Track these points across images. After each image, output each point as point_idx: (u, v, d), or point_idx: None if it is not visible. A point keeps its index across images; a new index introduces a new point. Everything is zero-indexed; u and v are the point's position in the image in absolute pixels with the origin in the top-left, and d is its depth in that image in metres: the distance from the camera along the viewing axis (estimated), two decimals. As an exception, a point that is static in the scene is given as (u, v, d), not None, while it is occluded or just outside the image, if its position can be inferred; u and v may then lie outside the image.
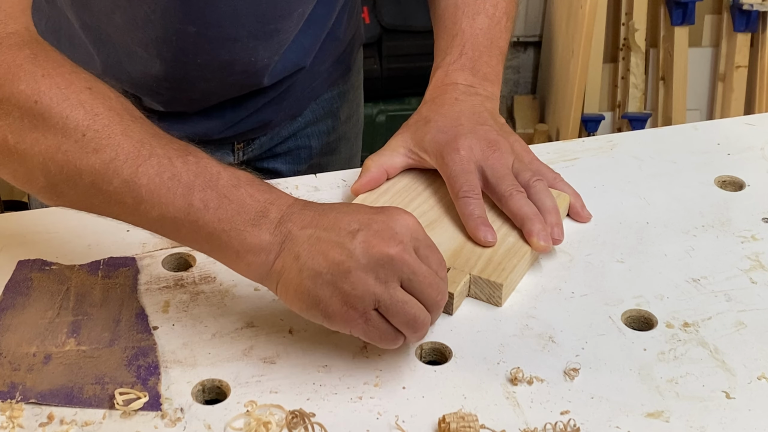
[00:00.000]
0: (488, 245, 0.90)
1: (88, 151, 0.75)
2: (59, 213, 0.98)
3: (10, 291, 0.86)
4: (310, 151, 1.27)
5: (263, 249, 0.75)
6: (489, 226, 0.91)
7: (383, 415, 0.75)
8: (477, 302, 0.87)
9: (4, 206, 2.42)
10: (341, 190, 1.03)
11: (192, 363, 0.79)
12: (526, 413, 0.75)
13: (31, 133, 0.75)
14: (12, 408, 0.74)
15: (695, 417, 0.75)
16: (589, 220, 0.98)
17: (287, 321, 0.84)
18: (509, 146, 0.97)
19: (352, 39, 1.26)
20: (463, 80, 1.02)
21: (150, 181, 0.74)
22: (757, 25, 2.73)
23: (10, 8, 0.80)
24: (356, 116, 1.34)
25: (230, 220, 0.75)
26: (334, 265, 0.73)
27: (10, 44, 0.78)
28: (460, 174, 0.94)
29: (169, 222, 0.76)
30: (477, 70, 1.03)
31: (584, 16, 2.58)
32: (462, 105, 1.00)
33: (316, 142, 1.27)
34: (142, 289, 0.87)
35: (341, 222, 0.75)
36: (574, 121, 2.70)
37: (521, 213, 0.91)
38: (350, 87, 1.29)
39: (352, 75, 1.30)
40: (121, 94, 0.80)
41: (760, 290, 0.89)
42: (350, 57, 1.27)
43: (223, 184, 0.76)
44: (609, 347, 0.82)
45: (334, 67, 1.24)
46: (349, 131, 1.32)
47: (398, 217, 0.76)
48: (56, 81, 0.76)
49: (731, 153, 1.11)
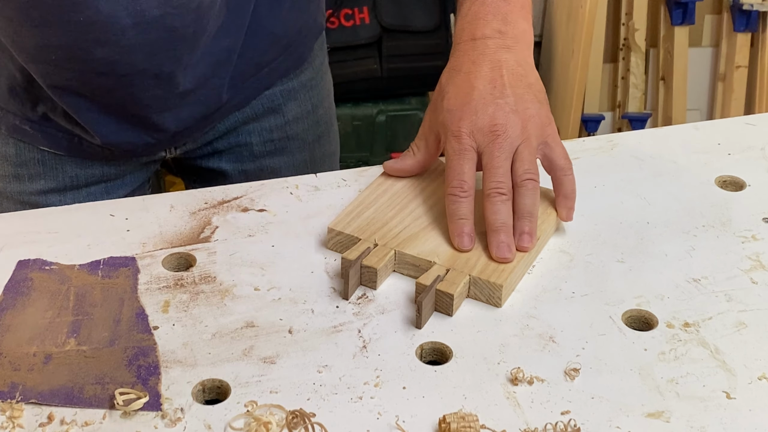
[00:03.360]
0: (463, 251, 0.89)
1: None
2: (59, 213, 0.98)
3: (10, 291, 0.86)
4: (252, 149, 1.23)
5: None
6: (467, 232, 0.90)
7: (383, 415, 0.75)
8: (477, 302, 0.87)
9: (4, 206, 2.42)
10: (342, 190, 1.03)
11: (192, 363, 0.79)
12: (527, 413, 0.75)
13: None
14: (12, 408, 0.74)
15: (696, 417, 0.75)
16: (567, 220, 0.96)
17: (287, 321, 0.84)
18: (518, 127, 0.92)
19: (299, 32, 1.20)
20: (481, 32, 0.96)
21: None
22: (757, 25, 2.73)
23: None
24: (313, 117, 1.27)
25: None
26: None
27: None
28: (453, 166, 0.92)
29: None
30: (496, 12, 0.96)
31: (584, 16, 2.58)
32: (480, 70, 0.94)
33: (257, 139, 1.22)
34: (142, 289, 0.87)
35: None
36: (574, 121, 2.70)
37: (490, 220, 0.90)
38: (301, 85, 1.23)
39: (305, 72, 1.24)
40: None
41: (761, 290, 0.89)
42: (298, 50, 1.21)
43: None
44: (609, 347, 0.82)
45: (278, 62, 1.18)
46: (303, 133, 1.26)
47: None
48: None
49: (731, 153, 1.11)
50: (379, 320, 0.84)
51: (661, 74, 2.81)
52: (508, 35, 0.95)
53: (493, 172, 0.91)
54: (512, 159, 0.92)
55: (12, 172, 1.15)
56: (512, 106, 0.92)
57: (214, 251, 0.92)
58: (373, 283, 0.88)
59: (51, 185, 1.16)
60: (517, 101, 0.93)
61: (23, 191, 1.16)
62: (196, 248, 0.93)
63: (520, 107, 0.93)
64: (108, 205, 0.99)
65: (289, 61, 1.20)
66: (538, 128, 0.93)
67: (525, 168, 0.91)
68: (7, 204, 1.17)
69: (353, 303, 0.86)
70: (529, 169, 0.92)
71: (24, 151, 1.14)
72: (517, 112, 0.92)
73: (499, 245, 0.88)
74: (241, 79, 1.15)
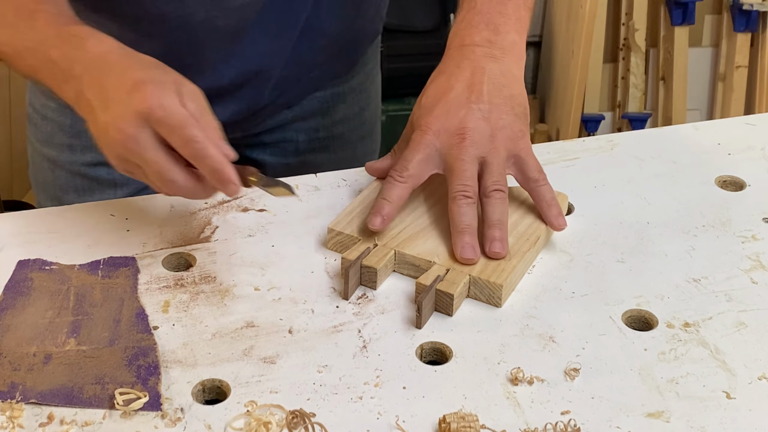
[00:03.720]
0: (374, 230, 0.89)
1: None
2: (59, 213, 0.98)
3: (10, 291, 0.86)
4: (297, 145, 1.25)
5: (72, 101, 0.87)
6: (382, 219, 0.89)
7: (383, 415, 0.75)
8: (477, 302, 0.87)
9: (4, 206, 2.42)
10: (342, 190, 1.03)
11: (192, 363, 0.79)
12: (527, 413, 0.75)
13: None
14: (12, 408, 0.74)
15: (696, 417, 0.75)
16: (561, 229, 0.93)
17: (287, 321, 0.84)
18: (487, 135, 0.91)
19: (355, 37, 1.22)
20: (471, 39, 0.96)
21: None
22: (757, 25, 2.73)
23: None
24: (359, 119, 1.31)
25: (52, 79, 0.88)
26: None
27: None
28: (405, 155, 0.91)
29: None
30: (489, 22, 0.96)
31: (584, 16, 2.58)
32: (462, 73, 0.94)
33: (303, 137, 1.25)
34: (142, 289, 0.87)
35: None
36: (574, 121, 2.70)
37: (455, 221, 0.89)
38: (350, 89, 1.27)
39: (357, 76, 1.27)
40: None
41: (761, 290, 0.89)
42: (351, 55, 1.24)
43: None
44: (609, 347, 0.82)
45: (330, 64, 1.21)
46: (349, 133, 1.30)
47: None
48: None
49: (731, 153, 1.11)
50: (379, 320, 0.84)
51: (661, 74, 2.82)
52: (497, 45, 0.96)
53: (459, 175, 0.90)
54: (480, 169, 0.91)
55: (66, 141, 1.19)
56: (485, 114, 0.92)
57: (214, 251, 0.92)
58: (373, 283, 0.88)
59: (101, 158, 1.18)
60: (492, 109, 0.92)
61: (75, 161, 1.19)
62: (196, 248, 0.93)
63: (494, 116, 0.92)
64: (108, 205, 0.99)
65: (339, 65, 1.22)
66: (509, 140, 0.92)
67: (494, 179, 0.91)
68: (58, 172, 1.21)
69: (353, 303, 0.86)
70: (497, 180, 0.91)
71: (78, 123, 1.15)
72: (489, 120, 0.92)
73: (464, 246, 0.88)
74: (289, 79, 1.17)
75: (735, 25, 2.73)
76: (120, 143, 0.82)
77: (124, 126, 0.81)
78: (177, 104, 0.81)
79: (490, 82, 0.94)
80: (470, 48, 0.96)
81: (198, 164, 0.82)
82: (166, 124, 0.81)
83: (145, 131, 0.81)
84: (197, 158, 0.81)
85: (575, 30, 2.65)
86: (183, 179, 0.83)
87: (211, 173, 0.82)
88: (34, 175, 1.26)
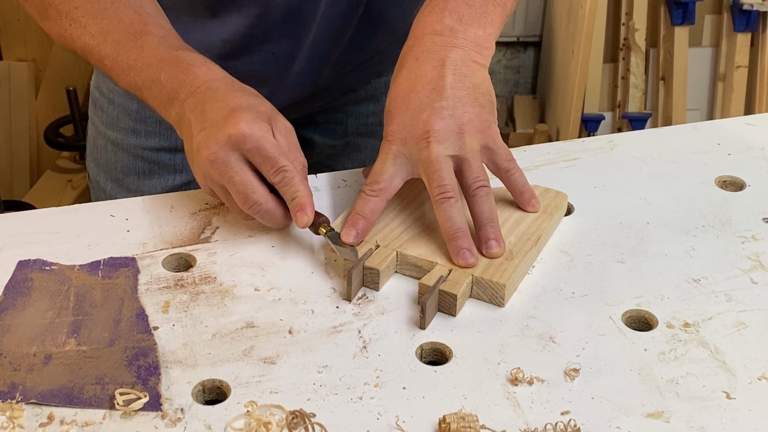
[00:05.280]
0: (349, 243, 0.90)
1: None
2: (59, 213, 0.98)
3: (10, 291, 0.86)
4: (346, 128, 1.28)
5: (174, 122, 0.94)
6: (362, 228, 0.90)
7: (383, 415, 0.75)
8: (477, 302, 0.87)
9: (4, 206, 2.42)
10: (342, 191, 1.03)
11: (192, 363, 0.79)
12: (527, 413, 0.75)
13: None
14: (12, 408, 0.74)
15: (696, 417, 0.75)
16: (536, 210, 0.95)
17: (287, 321, 0.84)
18: (454, 132, 0.90)
19: None
20: (432, 27, 0.94)
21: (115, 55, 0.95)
22: (757, 25, 2.73)
23: None
24: None
25: (156, 99, 0.94)
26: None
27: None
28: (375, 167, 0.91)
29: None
30: (453, 11, 0.94)
31: (584, 16, 2.58)
32: (422, 69, 0.92)
33: (353, 120, 1.28)
34: (142, 289, 0.87)
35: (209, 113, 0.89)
36: (574, 121, 2.71)
37: (444, 228, 0.89)
38: None
39: None
40: None
41: (761, 290, 0.89)
42: None
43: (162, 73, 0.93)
44: (609, 347, 0.82)
45: (391, 49, 1.20)
46: None
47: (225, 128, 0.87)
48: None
49: (731, 153, 1.11)
50: (379, 320, 0.84)
51: (661, 74, 2.82)
52: (459, 35, 0.94)
53: (434, 177, 0.89)
54: (457, 167, 0.90)
55: (131, 126, 1.22)
56: (449, 111, 0.90)
57: (214, 251, 0.93)
58: (376, 285, 0.88)
59: (164, 144, 1.23)
60: (456, 105, 0.91)
61: (138, 145, 1.22)
62: (197, 248, 0.93)
63: (458, 111, 0.91)
64: (108, 205, 0.99)
65: (400, 50, 1.22)
66: (477, 132, 0.91)
67: (474, 176, 0.90)
68: (121, 155, 1.24)
69: (353, 303, 0.86)
70: (478, 176, 0.90)
71: (144, 108, 1.20)
72: (454, 117, 0.90)
73: (459, 252, 0.88)
74: (350, 64, 1.19)
75: (735, 25, 2.73)
76: (209, 163, 0.87)
77: (215, 148, 0.87)
78: (269, 133, 0.88)
79: (451, 74, 0.92)
80: (431, 38, 0.94)
81: (284, 191, 0.88)
82: (259, 153, 0.87)
83: (234, 155, 0.87)
84: (284, 185, 0.87)
85: (575, 30, 2.65)
86: (265, 201, 0.88)
87: (292, 201, 0.88)
88: (94, 156, 1.29)
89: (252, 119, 0.87)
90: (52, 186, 2.67)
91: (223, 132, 0.87)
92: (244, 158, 0.88)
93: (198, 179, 0.91)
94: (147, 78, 0.93)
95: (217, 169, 0.87)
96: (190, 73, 0.92)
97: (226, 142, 0.87)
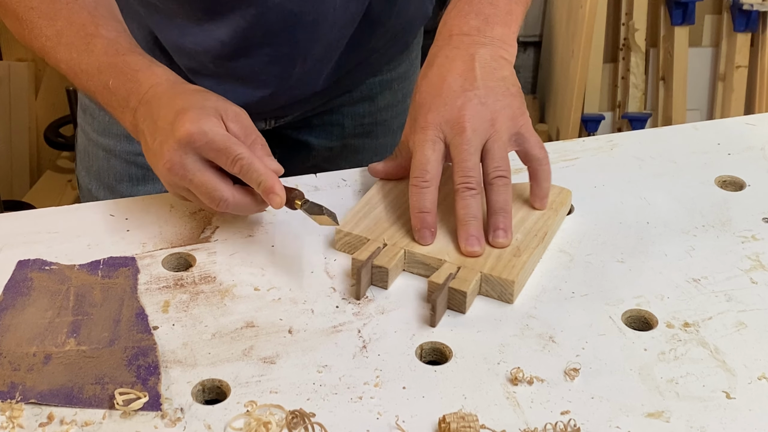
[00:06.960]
0: (423, 245, 0.90)
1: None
2: (59, 213, 0.98)
3: (10, 291, 0.86)
4: (343, 129, 1.28)
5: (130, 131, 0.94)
6: (428, 226, 0.90)
7: (383, 415, 0.75)
8: (477, 302, 0.87)
9: (4, 206, 2.42)
10: (342, 190, 1.03)
11: (192, 363, 0.79)
12: (527, 413, 0.75)
13: None
14: (12, 408, 0.74)
15: (695, 417, 0.75)
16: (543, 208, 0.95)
17: (287, 321, 0.84)
18: (487, 120, 0.91)
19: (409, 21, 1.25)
20: (459, 29, 0.97)
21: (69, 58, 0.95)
22: (757, 25, 2.73)
23: None
24: (402, 107, 1.32)
25: (109, 105, 0.95)
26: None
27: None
28: (417, 157, 0.92)
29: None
30: (479, 12, 0.97)
31: (584, 16, 2.58)
32: (453, 63, 0.94)
33: (349, 121, 1.28)
34: (142, 289, 0.87)
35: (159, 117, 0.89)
36: (574, 121, 2.71)
37: (459, 214, 0.90)
38: (397, 76, 1.29)
39: (402, 64, 1.29)
40: None
41: (761, 290, 0.89)
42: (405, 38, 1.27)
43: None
44: (609, 347, 0.82)
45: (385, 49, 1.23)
46: (391, 120, 1.32)
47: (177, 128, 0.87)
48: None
49: (731, 153, 1.11)
50: (378, 320, 0.84)
51: (661, 74, 2.82)
52: (486, 34, 0.96)
53: (462, 166, 0.90)
54: (482, 154, 0.91)
55: (123, 132, 1.20)
56: (482, 99, 0.92)
57: (214, 251, 0.93)
58: (385, 283, 0.88)
59: None
60: (488, 93, 0.92)
61: (131, 151, 1.22)
62: (196, 248, 0.93)
63: (490, 100, 0.92)
64: (108, 205, 0.99)
65: (394, 48, 1.24)
66: (509, 120, 0.92)
67: (495, 165, 0.91)
68: (114, 161, 1.23)
69: (353, 303, 0.86)
70: (499, 165, 0.91)
71: None
72: (486, 105, 0.92)
73: (468, 238, 0.89)
74: (347, 65, 1.19)
75: (735, 25, 2.73)
76: (167, 171, 0.88)
77: (169, 155, 0.87)
78: (218, 127, 0.87)
79: (481, 67, 0.94)
80: (459, 38, 0.96)
81: (247, 179, 0.87)
82: (210, 148, 0.87)
83: (189, 157, 0.87)
84: (245, 174, 0.87)
85: (575, 30, 2.65)
86: (231, 195, 0.88)
87: (259, 186, 0.87)
88: (86, 164, 1.28)
89: (196, 117, 0.87)
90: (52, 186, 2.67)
91: (173, 137, 0.87)
92: (200, 157, 0.88)
93: (166, 188, 0.91)
94: (98, 84, 0.94)
95: (176, 175, 0.88)
96: (135, 79, 0.92)
97: (177, 146, 0.87)
